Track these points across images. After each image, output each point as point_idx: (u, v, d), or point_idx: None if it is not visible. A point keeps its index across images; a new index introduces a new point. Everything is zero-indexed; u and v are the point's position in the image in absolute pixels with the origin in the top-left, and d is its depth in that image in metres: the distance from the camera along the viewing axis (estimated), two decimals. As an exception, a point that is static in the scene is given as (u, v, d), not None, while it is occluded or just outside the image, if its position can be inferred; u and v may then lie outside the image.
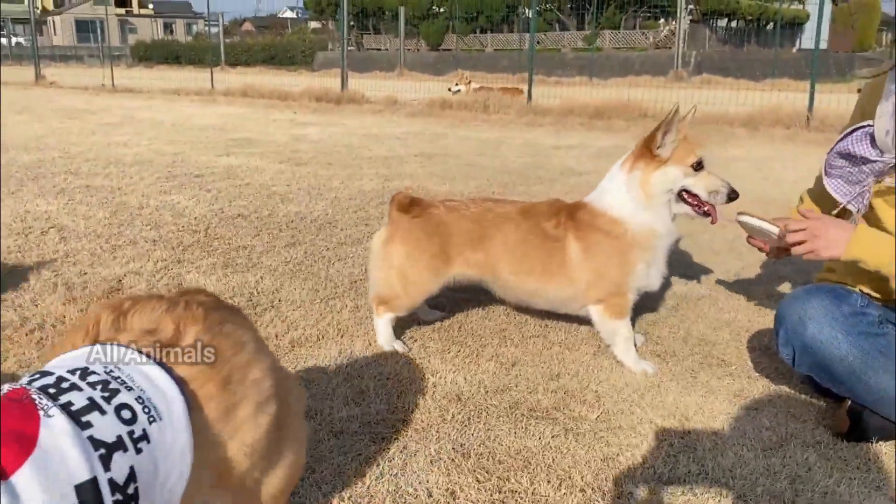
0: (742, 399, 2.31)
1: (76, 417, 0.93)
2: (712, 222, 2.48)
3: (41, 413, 0.91)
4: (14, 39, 50.84)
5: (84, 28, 60.88)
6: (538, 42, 32.49)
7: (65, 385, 0.99)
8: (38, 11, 28.65)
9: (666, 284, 3.37)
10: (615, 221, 2.47)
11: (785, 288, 3.48)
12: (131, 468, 0.94)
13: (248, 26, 70.20)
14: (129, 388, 1.03)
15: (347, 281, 3.37)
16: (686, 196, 2.45)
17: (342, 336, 2.74)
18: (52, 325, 2.76)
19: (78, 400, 0.96)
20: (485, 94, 12.19)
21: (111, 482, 0.91)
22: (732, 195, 2.41)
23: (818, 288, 2.18)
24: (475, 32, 35.44)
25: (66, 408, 0.94)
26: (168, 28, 67.54)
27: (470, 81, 13.40)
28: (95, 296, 3.08)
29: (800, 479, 1.86)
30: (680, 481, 1.83)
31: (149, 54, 41.08)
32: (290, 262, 3.65)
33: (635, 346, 2.60)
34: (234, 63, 33.90)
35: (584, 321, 2.70)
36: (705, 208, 2.45)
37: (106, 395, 0.99)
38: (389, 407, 2.18)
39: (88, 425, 0.93)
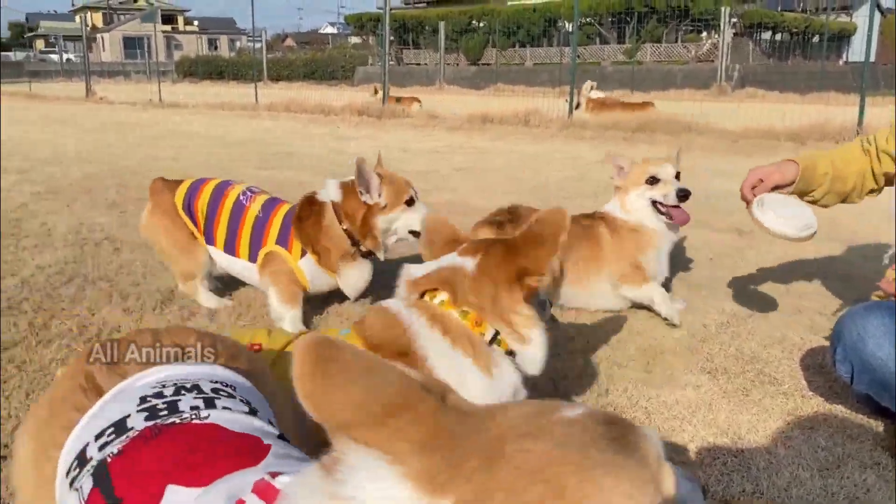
0: (796, 418, 2.26)
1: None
2: None
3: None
4: (65, 56, 52.51)
5: (131, 44, 62.64)
6: (578, 56, 32.49)
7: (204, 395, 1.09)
8: (88, 28, 29.57)
9: (715, 301, 3.34)
10: None
11: (837, 305, 3.41)
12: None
13: (289, 42, 71.43)
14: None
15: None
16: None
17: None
18: (108, 334, 2.84)
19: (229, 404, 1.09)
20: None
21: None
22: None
23: (877, 305, 2.13)
24: (514, 46, 35.49)
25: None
26: (212, 44, 69.12)
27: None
28: (149, 306, 3.16)
29: (858, 500, 1.82)
30: (735, 500, 1.81)
31: (193, 70, 42.03)
32: (337, 275, 3.69)
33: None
34: (277, 78, 34.50)
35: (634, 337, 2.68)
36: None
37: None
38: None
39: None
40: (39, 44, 69.39)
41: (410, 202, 2.87)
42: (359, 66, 36.87)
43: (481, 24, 36.31)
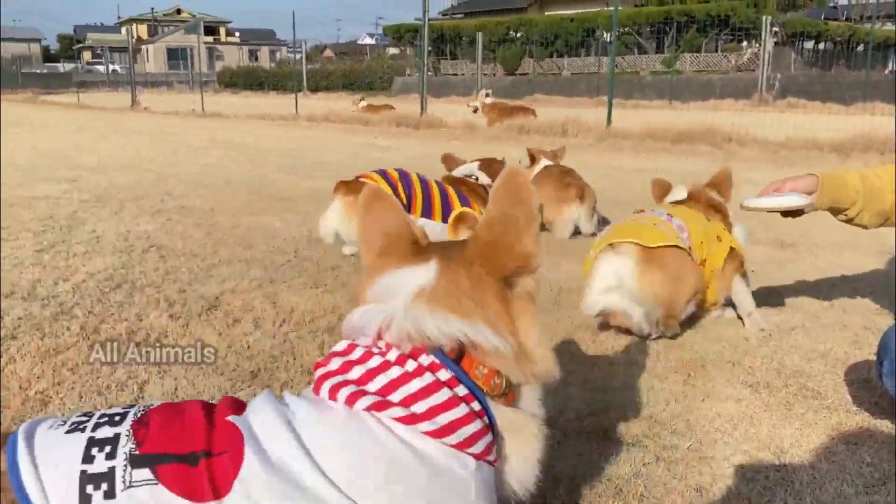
0: (840, 433, 2.23)
1: None
2: None
3: None
4: (111, 66, 53.93)
5: (174, 55, 64.15)
6: (616, 65, 32.34)
7: None
8: (134, 40, 30.35)
9: (758, 314, 3.30)
10: None
11: (882, 319, 3.34)
12: None
13: (328, 53, 72.36)
14: None
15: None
16: None
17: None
18: (155, 338, 2.93)
19: None
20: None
21: None
22: None
23: (925, 320, 2.10)
24: (552, 56, 35.47)
25: None
26: (253, 55, 70.38)
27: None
28: (195, 312, 3.24)
29: (906, 518, 1.79)
30: (778, 515, 1.80)
31: (234, 80, 42.86)
32: (376, 284, 3.73)
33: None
34: (315, 88, 35.00)
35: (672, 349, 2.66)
36: None
37: None
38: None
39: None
40: (87, 55, 71.31)
41: None
42: (396, 76, 37.21)
43: (518, 35, 36.37)
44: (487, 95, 13.86)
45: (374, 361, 1.13)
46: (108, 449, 1.05)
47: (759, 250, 4.54)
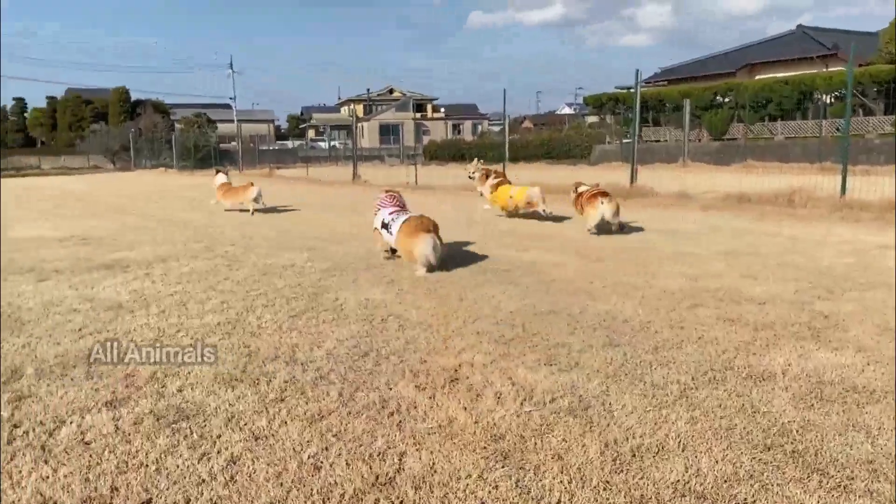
0: None
1: None
2: None
3: None
4: (331, 143, 59.26)
5: (385, 131, 69.25)
6: (836, 129, 29.91)
7: None
8: (353, 119, 33.18)
9: None
10: None
11: None
12: None
13: (527, 123, 74.23)
14: None
15: (676, 389, 3.27)
16: None
17: (683, 450, 2.64)
18: (406, 410, 3.04)
19: None
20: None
21: None
22: None
23: None
24: (763, 121, 33.68)
25: None
26: (456, 128, 73.97)
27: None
28: (439, 384, 3.34)
29: None
30: None
31: (439, 153, 45.09)
32: (612, 364, 3.64)
33: None
34: (515, 158, 35.84)
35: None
36: None
37: None
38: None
39: None
40: (311, 133, 78.97)
41: None
42: (595, 144, 37.22)
43: (726, 100, 35.06)
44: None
45: None
46: None
47: None
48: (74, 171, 46.72)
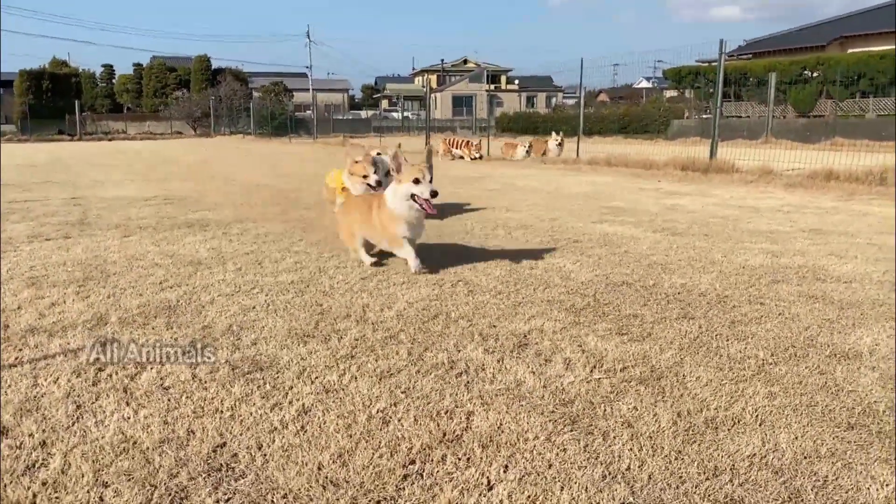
0: None
1: None
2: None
3: None
4: (404, 113, 59.56)
5: (458, 102, 69.00)
6: (937, 105, 28.15)
7: None
8: (426, 90, 33.21)
9: None
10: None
11: None
12: None
13: (603, 97, 72.58)
14: None
15: (754, 364, 3.16)
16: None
17: (761, 424, 2.55)
18: (474, 371, 3.04)
19: None
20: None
21: None
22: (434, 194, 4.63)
23: None
24: (854, 97, 31.96)
25: None
26: (530, 101, 73.06)
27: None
28: (507, 349, 3.33)
29: None
30: None
31: (511, 125, 44.62)
32: (686, 336, 3.55)
33: None
34: (590, 132, 35.16)
35: None
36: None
37: None
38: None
39: None
40: (384, 103, 79.45)
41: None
42: (673, 119, 36.14)
43: (815, 75, 33.36)
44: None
45: None
46: None
47: None
48: (158, 136, 48.50)
